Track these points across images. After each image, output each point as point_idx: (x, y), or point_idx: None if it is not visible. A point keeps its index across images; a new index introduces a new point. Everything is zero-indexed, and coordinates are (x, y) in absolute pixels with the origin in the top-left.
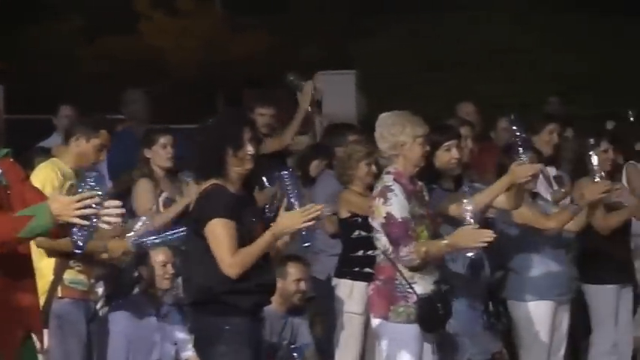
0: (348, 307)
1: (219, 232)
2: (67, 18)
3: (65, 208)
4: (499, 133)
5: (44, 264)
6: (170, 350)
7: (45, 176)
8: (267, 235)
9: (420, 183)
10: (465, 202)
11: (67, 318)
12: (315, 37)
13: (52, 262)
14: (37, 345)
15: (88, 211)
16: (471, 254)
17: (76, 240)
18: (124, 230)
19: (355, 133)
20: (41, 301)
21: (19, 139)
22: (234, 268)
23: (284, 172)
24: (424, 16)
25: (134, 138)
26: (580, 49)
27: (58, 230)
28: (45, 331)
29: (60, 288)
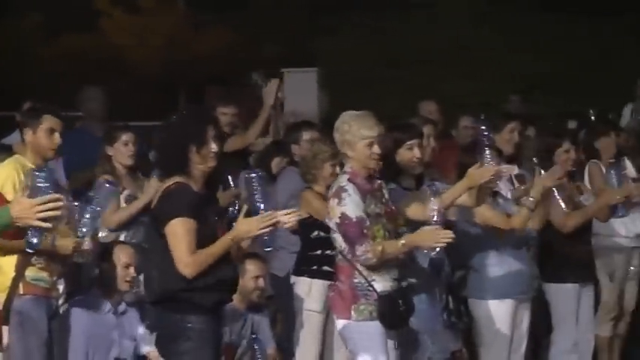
0: (306, 305)
1: (179, 232)
2: (26, 15)
3: (26, 211)
4: (460, 131)
5: (5, 261)
6: (129, 346)
7: (6, 174)
8: (225, 239)
9: (379, 181)
10: (432, 201)
11: (28, 315)
12: (277, 35)
13: (13, 259)
14: None
15: (49, 214)
16: (432, 253)
17: (30, 239)
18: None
19: (312, 130)
20: (2, 298)
21: None
22: (189, 268)
23: (252, 174)
24: (386, 14)
25: (91, 136)
26: (542, 48)
27: (14, 232)
28: (5, 328)
29: (21, 285)
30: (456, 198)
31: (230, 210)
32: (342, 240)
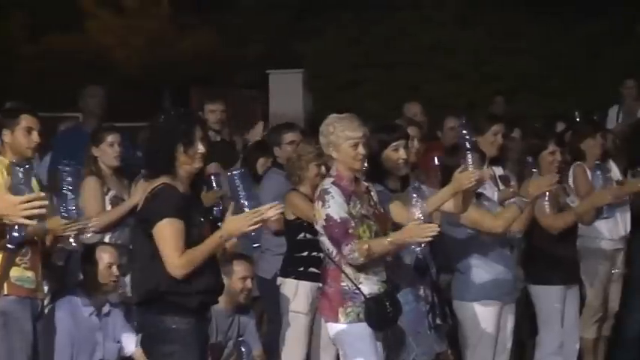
0: (293, 307)
1: (167, 233)
2: (11, 15)
3: (12, 208)
4: (446, 133)
5: None
6: (113, 348)
7: None
8: (214, 238)
9: (367, 184)
10: (416, 206)
11: (12, 315)
12: (262, 36)
13: None
14: None
15: (35, 212)
16: (418, 249)
17: (12, 233)
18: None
19: (294, 132)
20: None
21: None
22: (180, 269)
23: (235, 172)
24: (371, 15)
25: (85, 134)
26: (527, 49)
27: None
28: None
29: (6, 285)
30: (443, 203)
31: (215, 210)
32: (329, 243)
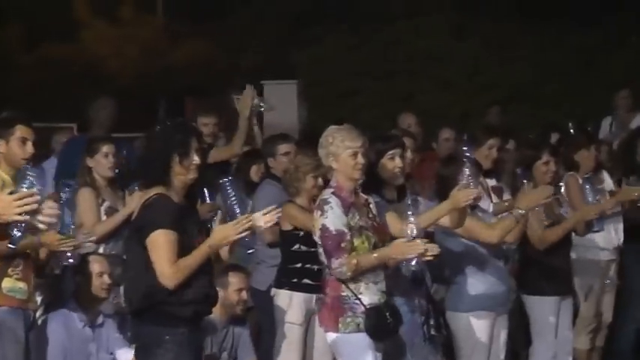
0: (287, 318)
1: (160, 243)
2: (7, 24)
3: (6, 207)
4: (441, 144)
5: None
6: (106, 359)
7: None
8: (203, 247)
9: (365, 196)
10: (410, 221)
11: (4, 326)
12: (256, 46)
13: None
14: None
15: (28, 208)
16: (411, 266)
17: (13, 233)
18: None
19: (288, 143)
20: None
21: None
22: (171, 280)
23: (224, 180)
24: (366, 26)
25: None
26: (522, 59)
27: None
28: None
29: None
30: (439, 218)
31: (211, 223)
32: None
